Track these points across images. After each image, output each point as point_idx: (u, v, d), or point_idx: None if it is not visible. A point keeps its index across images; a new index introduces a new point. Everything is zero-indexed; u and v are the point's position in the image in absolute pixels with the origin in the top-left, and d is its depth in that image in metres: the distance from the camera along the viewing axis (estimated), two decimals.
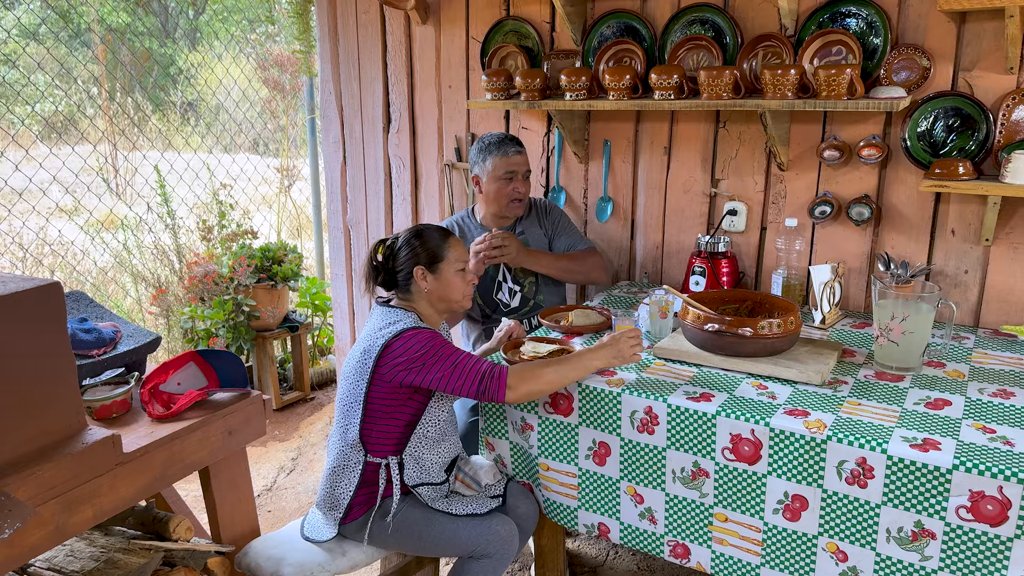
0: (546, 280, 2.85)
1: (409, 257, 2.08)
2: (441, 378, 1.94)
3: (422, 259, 2.08)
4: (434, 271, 2.09)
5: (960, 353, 2.23)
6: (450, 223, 2.93)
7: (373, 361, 1.97)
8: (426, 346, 1.95)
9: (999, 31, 2.29)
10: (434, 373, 1.94)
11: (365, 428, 2.02)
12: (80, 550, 1.97)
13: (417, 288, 2.09)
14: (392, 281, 2.12)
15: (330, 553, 2.05)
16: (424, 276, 2.08)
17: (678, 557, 2.03)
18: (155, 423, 1.95)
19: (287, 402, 4.14)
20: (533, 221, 2.90)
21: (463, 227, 2.91)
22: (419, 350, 1.94)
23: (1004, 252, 2.43)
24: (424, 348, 1.95)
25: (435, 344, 1.96)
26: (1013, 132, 2.32)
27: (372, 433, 2.02)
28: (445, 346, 1.98)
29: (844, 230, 2.66)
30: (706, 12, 2.69)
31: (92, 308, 2.41)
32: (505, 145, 2.75)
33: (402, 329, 1.98)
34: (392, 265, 2.11)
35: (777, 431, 1.78)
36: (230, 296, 3.80)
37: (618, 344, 2.04)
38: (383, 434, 2.02)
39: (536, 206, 2.94)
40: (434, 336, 1.98)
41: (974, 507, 1.59)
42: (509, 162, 2.74)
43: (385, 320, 2.04)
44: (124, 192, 5.51)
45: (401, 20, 3.41)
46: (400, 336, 1.97)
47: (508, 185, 2.75)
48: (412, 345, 1.95)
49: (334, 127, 3.80)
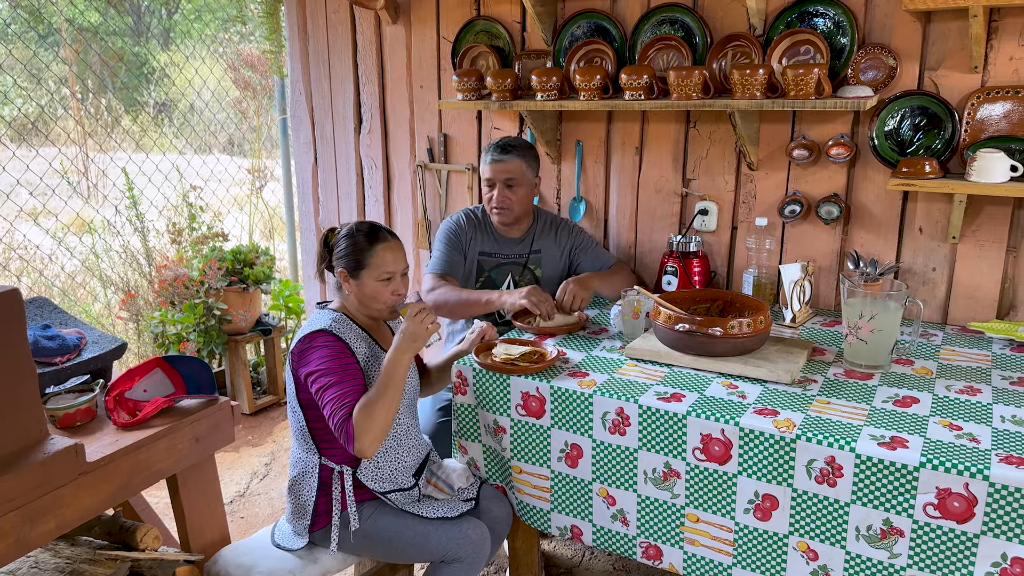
0: (547, 283, 2.81)
1: (337, 256, 2.06)
2: (321, 407, 1.92)
3: (344, 263, 2.04)
4: (355, 276, 2.04)
5: (928, 350, 2.25)
6: (467, 212, 2.81)
7: (290, 361, 2.00)
8: (319, 358, 1.94)
9: (963, 30, 2.31)
10: (313, 387, 1.93)
11: (313, 431, 2.01)
12: (45, 562, 1.93)
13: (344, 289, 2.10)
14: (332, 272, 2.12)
15: (301, 560, 2.02)
16: (346, 279, 2.05)
17: (650, 558, 2.03)
18: (120, 431, 1.92)
19: (260, 406, 4.10)
20: (548, 237, 2.80)
21: (476, 221, 2.79)
22: (311, 357, 1.94)
23: (971, 249, 2.45)
24: (314, 358, 1.94)
25: (324, 357, 1.93)
26: (978, 131, 2.34)
27: (320, 435, 2.02)
28: (329, 370, 1.92)
29: (813, 229, 2.67)
30: (676, 12, 2.70)
31: (56, 314, 2.37)
32: (488, 152, 2.67)
33: (310, 331, 1.98)
34: (330, 257, 2.10)
35: (747, 431, 1.79)
36: (201, 300, 3.75)
37: (410, 326, 1.95)
38: (331, 435, 2.01)
39: (552, 222, 2.83)
40: (330, 352, 1.94)
41: (941, 504, 1.61)
42: (486, 169, 2.67)
43: (311, 320, 2.05)
44: (92, 195, 5.43)
45: (371, 20, 3.38)
46: (304, 338, 1.98)
47: (488, 192, 2.68)
48: (307, 352, 1.96)
49: (305, 128, 3.76)
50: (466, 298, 2.58)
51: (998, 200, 2.37)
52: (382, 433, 1.88)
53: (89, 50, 6.31)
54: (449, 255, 2.72)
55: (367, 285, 2.03)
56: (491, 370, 2.14)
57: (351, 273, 2.04)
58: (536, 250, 2.78)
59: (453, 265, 2.72)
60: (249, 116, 6.08)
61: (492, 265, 2.76)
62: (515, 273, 2.77)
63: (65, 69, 5.97)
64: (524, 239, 2.77)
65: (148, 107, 6.81)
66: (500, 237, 2.76)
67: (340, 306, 2.09)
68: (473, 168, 3.29)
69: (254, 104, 5.96)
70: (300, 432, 2.04)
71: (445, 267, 2.70)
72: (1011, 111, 2.29)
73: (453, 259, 2.72)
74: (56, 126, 5.80)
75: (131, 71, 7.31)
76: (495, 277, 2.77)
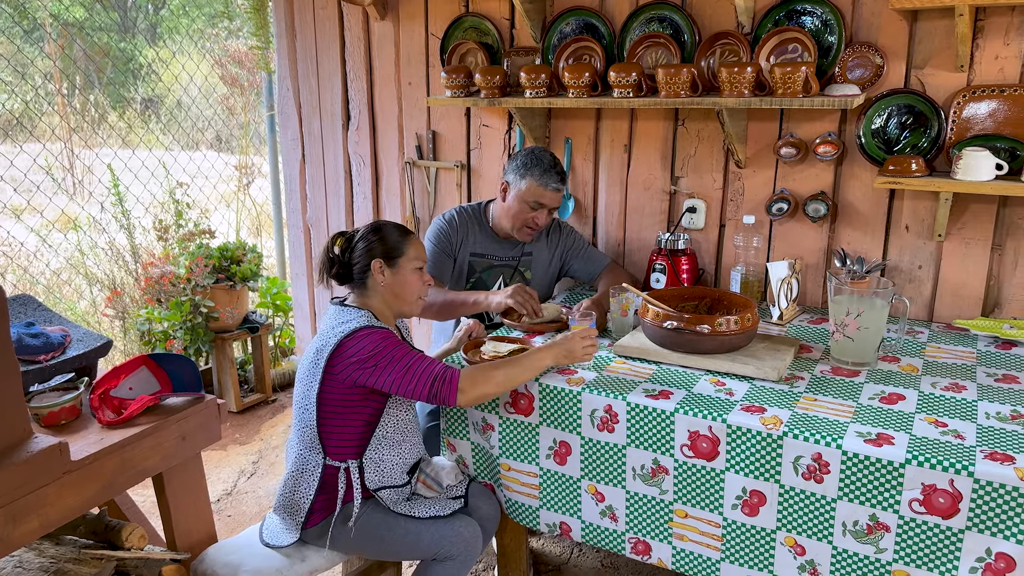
0: (536, 286, 2.80)
1: (367, 250, 2.05)
2: (393, 381, 1.91)
3: (379, 252, 2.04)
4: (392, 266, 2.05)
5: (914, 348, 2.27)
6: (460, 210, 2.78)
7: (325, 360, 1.94)
8: (379, 346, 1.92)
9: (950, 29, 2.32)
10: (386, 375, 1.91)
11: (322, 429, 1.99)
12: (29, 561, 1.92)
13: (373, 283, 2.06)
14: (347, 275, 2.08)
15: (289, 558, 2.01)
16: (382, 270, 2.04)
17: (639, 554, 2.03)
18: (105, 429, 1.90)
19: (248, 404, 4.07)
20: (541, 240, 2.79)
21: (469, 220, 2.76)
22: (372, 350, 1.91)
23: (956, 247, 2.47)
24: (376, 348, 1.91)
25: (388, 345, 1.93)
26: (964, 129, 2.36)
27: (330, 434, 1.99)
28: (398, 347, 1.94)
29: (801, 227, 2.68)
30: (664, 10, 2.70)
31: (40, 312, 2.35)
32: (548, 175, 2.59)
33: (356, 328, 1.95)
34: (349, 258, 2.07)
35: (734, 428, 1.79)
36: (187, 297, 3.73)
37: (570, 343, 2.03)
38: (341, 435, 1.99)
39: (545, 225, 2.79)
40: (387, 336, 1.95)
41: (926, 500, 1.61)
42: (543, 194, 2.60)
43: (339, 319, 2.01)
44: (78, 191, 5.38)
45: (359, 16, 3.37)
46: (354, 335, 1.94)
47: (530, 212, 2.62)
48: (365, 345, 1.92)
49: (292, 124, 3.74)
50: (452, 299, 2.58)
51: (983, 198, 2.39)
52: (487, 396, 1.96)
53: (75, 46, 6.26)
54: (436, 258, 2.70)
55: (405, 274, 2.06)
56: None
57: (388, 262, 2.04)
58: (528, 252, 2.78)
59: (440, 268, 2.71)
60: (236, 112, 6.05)
61: (484, 267, 2.75)
62: (506, 275, 2.77)
63: (50, 64, 5.92)
64: (518, 242, 2.76)
65: (135, 103, 6.76)
66: (496, 238, 2.75)
67: (362, 303, 2.08)
68: (462, 165, 3.29)
69: (242, 100, 5.93)
70: (308, 430, 2.01)
71: (431, 268, 2.69)
72: (996, 110, 2.30)
73: (440, 262, 2.71)
74: (41, 122, 5.75)
75: (117, 67, 7.25)
76: (486, 279, 2.76)
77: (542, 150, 2.66)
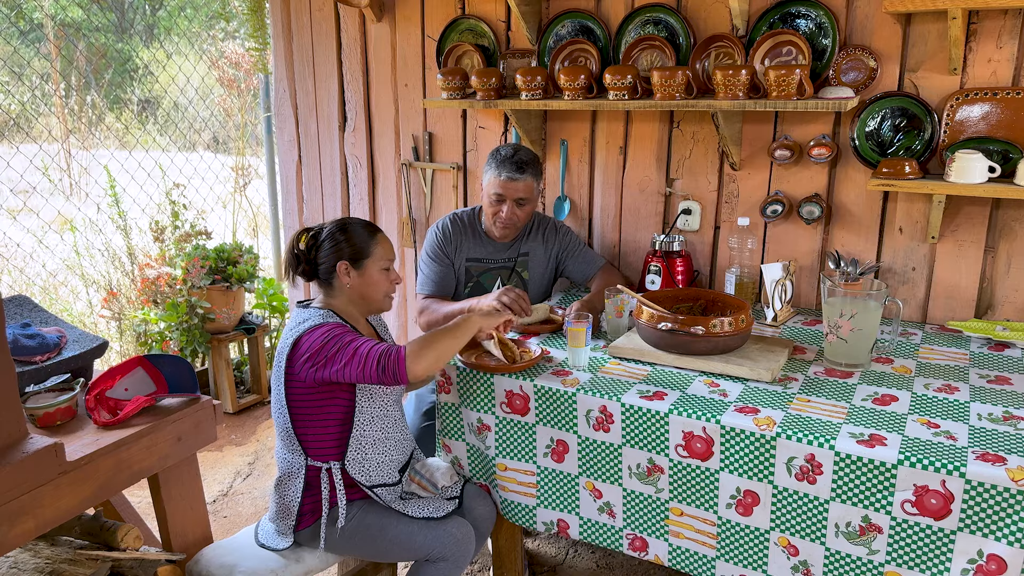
0: (535, 285, 2.80)
1: (333, 251, 2.02)
2: (344, 367, 1.88)
3: (346, 254, 2.02)
4: (358, 267, 2.03)
5: (907, 349, 2.28)
6: (453, 217, 2.76)
7: (284, 361, 1.96)
8: (326, 337, 1.90)
9: (943, 33, 2.34)
10: (338, 364, 1.88)
11: (299, 432, 2.00)
12: (24, 562, 1.92)
13: (339, 284, 2.05)
14: (313, 272, 2.06)
15: (284, 559, 2.02)
16: (347, 271, 2.03)
17: (637, 550, 2.04)
18: (101, 430, 1.90)
19: (244, 405, 4.08)
20: (536, 239, 2.78)
21: (463, 226, 2.74)
22: (322, 343, 1.90)
23: (950, 249, 2.48)
24: (325, 340, 1.90)
25: (335, 335, 1.91)
26: (957, 132, 2.37)
27: (307, 436, 2.00)
28: (346, 335, 1.91)
29: (795, 228, 2.69)
30: (659, 12, 2.71)
31: (36, 313, 2.35)
32: (505, 165, 2.55)
33: (310, 326, 1.95)
34: (315, 256, 2.05)
35: (728, 428, 1.80)
36: (184, 298, 3.73)
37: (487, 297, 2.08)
38: (318, 436, 2.00)
39: (540, 223, 2.80)
40: (335, 327, 1.93)
41: (919, 501, 1.62)
42: (500, 184, 2.56)
43: (297, 320, 2.01)
44: (74, 192, 5.38)
45: (356, 18, 3.37)
46: (306, 333, 1.94)
47: (493, 207, 2.61)
48: (315, 340, 1.91)
49: (289, 126, 3.75)
50: (447, 311, 2.57)
51: (976, 200, 2.40)
52: (437, 361, 1.90)
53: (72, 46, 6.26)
54: (434, 272, 2.71)
55: (372, 274, 2.04)
56: (475, 369, 2.14)
57: (353, 264, 2.03)
58: (524, 252, 2.78)
59: (441, 281, 2.71)
60: (233, 114, 6.05)
61: (481, 271, 2.76)
62: (503, 277, 2.77)
63: (47, 65, 5.92)
64: (513, 243, 2.76)
65: (132, 104, 6.75)
66: (490, 242, 2.75)
67: (325, 303, 2.08)
68: (458, 167, 3.29)
69: (239, 102, 5.93)
70: (285, 433, 2.03)
71: (432, 287, 2.70)
72: (989, 113, 2.32)
73: (440, 274, 2.71)
74: (38, 123, 5.75)
75: (114, 68, 7.25)
76: (484, 282, 2.77)
77: (507, 145, 2.65)
